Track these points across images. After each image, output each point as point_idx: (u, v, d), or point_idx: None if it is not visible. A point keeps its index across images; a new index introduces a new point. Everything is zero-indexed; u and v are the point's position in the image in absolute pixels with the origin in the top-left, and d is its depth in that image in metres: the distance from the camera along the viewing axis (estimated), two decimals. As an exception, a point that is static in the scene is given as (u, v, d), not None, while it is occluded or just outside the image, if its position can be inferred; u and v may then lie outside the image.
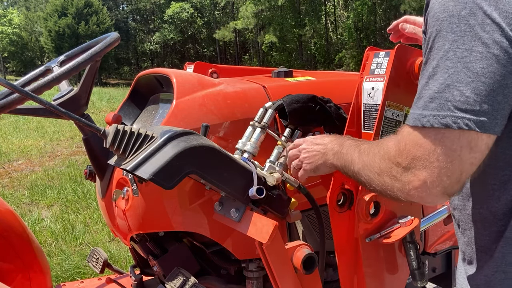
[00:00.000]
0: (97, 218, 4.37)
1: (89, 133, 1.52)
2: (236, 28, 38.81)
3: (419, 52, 1.32)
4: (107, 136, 1.22)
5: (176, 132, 1.21)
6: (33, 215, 4.58)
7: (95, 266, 2.03)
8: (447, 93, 0.75)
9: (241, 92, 1.63)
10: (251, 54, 47.45)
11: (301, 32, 36.04)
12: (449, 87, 0.75)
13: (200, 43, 51.62)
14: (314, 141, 1.25)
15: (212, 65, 2.26)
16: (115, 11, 49.56)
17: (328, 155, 1.16)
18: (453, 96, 0.74)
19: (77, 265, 3.33)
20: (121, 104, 1.82)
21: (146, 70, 1.79)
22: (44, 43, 40.11)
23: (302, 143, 1.30)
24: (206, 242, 1.57)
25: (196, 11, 45.33)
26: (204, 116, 1.49)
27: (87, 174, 1.75)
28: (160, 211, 1.45)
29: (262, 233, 1.23)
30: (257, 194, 1.27)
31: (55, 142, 9.13)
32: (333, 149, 1.13)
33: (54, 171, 6.52)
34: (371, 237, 1.38)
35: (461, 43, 0.75)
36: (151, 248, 1.57)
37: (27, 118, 11.94)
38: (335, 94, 1.61)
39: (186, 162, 1.19)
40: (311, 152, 1.24)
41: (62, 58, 1.62)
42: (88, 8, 38.87)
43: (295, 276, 1.32)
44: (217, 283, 1.61)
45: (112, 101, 16.43)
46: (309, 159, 1.25)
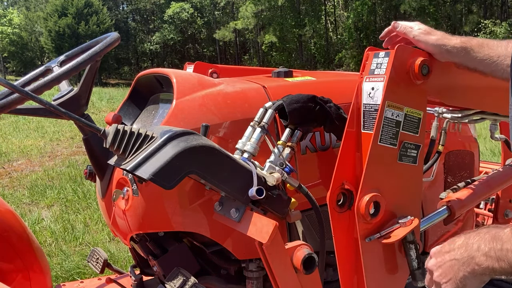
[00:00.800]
0: (97, 218, 4.37)
1: (89, 133, 1.52)
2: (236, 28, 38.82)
3: (419, 52, 1.32)
4: (107, 136, 1.22)
5: (176, 132, 1.21)
6: (33, 215, 4.58)
7: (95, 266, 2.03)
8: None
9: (241, 92, 1.63)
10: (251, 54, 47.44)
11: (301, 32, 36.03)
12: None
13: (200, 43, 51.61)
14: (443, 249, 0.96)
15: (212, 65, 2.27)
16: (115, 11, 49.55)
17: (476, 258, 0.87)
18: None
19: (77, 265, 3.33)
20: (121, 104, 1.82)
21: (146, 70, 1.79)
22: (44, 43, 40.10)
23: (431, 259, 1.00)
24: (206, 242, 1.57)
25: (196, 11, 45.31)
26: (204, 116, 1.49)
27: (87, 174, 1.75)
28: (160, 211, 1.45)
29: (262, 233, 1.23)
30: (256, 195, 1.27)
31: (55, 142, 9.13)
32: (481, 249, 0.86)
33: (54, 171, 6.52)
34: (371, 237, 1.38)
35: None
36: (151, 248, 1.57)
37: (27, 118, 11.94)
38: (335, 94, 1.61)
39: (186, 162, 1.19)
40: (445, 265, 0.94)
41: (62, 58, 1.62)
42: (88, 8, 38.86)
43: (295, 276, 1.32)
44: (217, 283, 1.61)
45: (112, 101, 16.43)
46: (445, 275, 0.93)
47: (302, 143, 1.62)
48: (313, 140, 1.66)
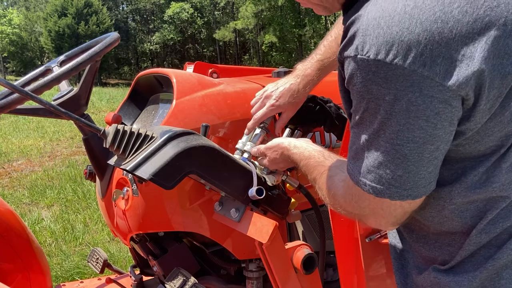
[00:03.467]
0: (97, 218, 4.37)
1: (89, 133, 1.52)
2: (236, 28, 38.82)
3: None
4: (107, 136, 1.22)
5: (176, 132, 1.21)
6: (33, 215, 4.58)
7: (95, 266, 2.03)
8: (381, 170, 0.82)
9: (241, 92, 1.63)
10: (251, 54, 47.45)
11: (301, 32, 36.04)
12: (382, 165, 0.81)
13: (200, 43, 51.64)
14: (284, 145, 1.26)
15: (212, 65, 2.26)
16: (115, 11, 49.57)
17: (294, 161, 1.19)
18: (386, 174, 0.81)
19: (77, 265, 3.33)
20: (121, 104, 1.82)
21: (146, 70, 1.78)
22: (44, 43, 40.13)
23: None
24: (206, 242, 1.57)
25: (196, 11, 45.33)
26: (204, 116, 1.49)
27: (87, 174, 1.75)
28: (160, 211, 1.45)
29: (262, 233, 1.23)
30: (256, 195, 1.27)
31: (55, 142, 9.13)
32: (302, 163, 1.16)
33: (54, 171, 6.52)
34: (371, 237, 1.38)
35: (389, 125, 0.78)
36: (151, 248, 1.57)
37: (27, 118, 11.94)
38: (335, 94, 1.61)
39: (186, 162, 1.19)
40: (277, 155, 1.28)
41: (62, 58, 1.62)
42: (88, 8, 38.88)
43: (295, 276, 1.32)
44: (217, 283, 1.61)
45: (112, 101, 16.43)
46: (274, 160, 1.30)
47: (302, 143, 1.62)
48: (313, 140, 1.66)
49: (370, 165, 0.83)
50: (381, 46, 0.74)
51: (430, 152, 0.79)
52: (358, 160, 0.86)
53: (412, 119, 0.75)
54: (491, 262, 0.87)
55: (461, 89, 0.73)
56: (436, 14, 0.72)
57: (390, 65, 0.73)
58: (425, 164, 0.80)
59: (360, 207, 0.91)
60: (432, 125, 0.76)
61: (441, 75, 0.72)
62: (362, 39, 0.76)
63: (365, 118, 0.81)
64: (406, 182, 0.81)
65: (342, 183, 0.96)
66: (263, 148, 1.33)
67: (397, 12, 0.73)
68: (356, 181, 0.87)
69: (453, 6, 0.73)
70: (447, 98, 0.74)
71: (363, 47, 0.76)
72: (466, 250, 0.89)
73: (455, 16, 0.72)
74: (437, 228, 0.93)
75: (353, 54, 0.78)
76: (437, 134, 0.77)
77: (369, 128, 0.81)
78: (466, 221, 0.89)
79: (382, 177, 0.82)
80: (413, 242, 1.01)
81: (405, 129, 0.76)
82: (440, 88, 0.73)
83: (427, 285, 0.96)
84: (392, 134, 0.78)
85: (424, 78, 0.72)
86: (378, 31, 0.74)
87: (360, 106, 0.81)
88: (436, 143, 0.78)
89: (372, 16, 0.76)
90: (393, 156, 0.79)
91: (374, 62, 0.74)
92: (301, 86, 1.35)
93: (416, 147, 0.78)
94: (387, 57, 0.73)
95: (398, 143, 0.78)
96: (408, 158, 0.79)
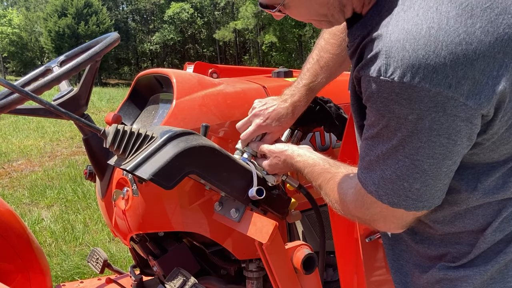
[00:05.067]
0: (97, 218, 4.37)
1: (89, 133, 1.52)
2: (236, 28, 38.82)
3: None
4: (107, 136, 1.22)
5: (176, 132, 1.21)
6: (33, 215, 4.58)
7: (95, 266, 2.03)
8: (398, 183, 0.83)
9: (241, 92, 1.63)
10: (251, 54, 47.45)
11: (301, 32, 36.02)
12: (400, 178, 0.82)
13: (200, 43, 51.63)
14: (287, 152, 1.29)
15: (212, 65, 2.26)
16: (115, 11, 49.57)
17: (297, 169, 1.23)
18: (404, 187, 0.83)
19: (77, 265, 3.33)
20: (121, 104, 1.82)
21: (146, 70, 1.78)
22: (44, 43, 40.13)
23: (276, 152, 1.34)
24: (206, 242, 1.57)
25: (196, 11, 45.34)
26: (204, 116, 1.49)
27: (87, 174, 1.75)
28: (160, 211, 1.45)
29: (262, 233, 1.23)
30: (257, 195, 1.27)
31: (55, 142, 9.13)
32: (306, 171, 1.19)
33: (54, 171, 6.52)
34: (371, 237, 1.38)
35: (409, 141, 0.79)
36: (151, 248, 1.57)
37: (27, 118, 11.93)
38: (335, 94, 1.61)
39: (186, 162, 1.18)
40: (280, 161, 1.31)
41: (62, 58, 1.62)
42: (88, 8, 38.88)
43: (295, 276, 1.32)
44: (217, 283, 1.61)
45: (112, 101, 16.43)
46: (276, 165, 1.33)
47: (302, 143, 1.62)
48: (313, 140, 1.66)
49: (387, 178, 0.84)
50: (406, 69, 0.74)
51: (447, 167, 0.81)
52: (372, 171, 0.87)
53: (434, 137, 0.77)
54: (503, 256, 0.90)
55: (483, 108, 0.75)
56: (460, 36, 0.73)
57: (415, 88, 0.74)
58: (442, 177, 0.82)
59: (371, 214, 0.92)
60: (452, 142, 0.77)
61: (465, 95, 0.73)
62: (386, 61, 0.76)
63: (383, 134, 0.82)
64: (423, 194, 0.83)
65: (352, 190, 0.96)
66: (266, 150, 1.33)
67: (422, 35, 0.73)
68: (370, 191, 0.88)
69: (476, 27, 0.73)
70: (469, 117, 0.75)
71: (386, 69, 0.76)
72: (479, 248, 0.91)
73: (478, 36, 0.73)
74: (446, 230, 0.95)
75: (375, 75, 0.78)
76: (456, 150, 0.79)
77: (386, 143, 0.82)
78: (478, 219, 0.91)
79: (399, 189, 0.83)
80: (415, 243, 1.02)
81: (426, 146, 0.78)
82: (463, 107, 0.74)
83: (435, 282, 0.97)
84: (412, 150, 0.79)
85: (449, 99, 0.73)
86: (403, 53, 0.74)
87: (379, 123, 0.82)
88: (454, 158, 0.80)
89: (395, 37, 0.76)
90: (412, 171, 0.81)
91: (398, 84, 0.75)
92: (290, 111, 1.35)
93: (435, 162, 0.79)
94: (413, 81, 0.74)
95: (418, 158, 0.79)
96: (427, 172, 0.80)
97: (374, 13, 0.83)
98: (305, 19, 0.98)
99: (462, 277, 0.93)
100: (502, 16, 0.75)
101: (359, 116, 0.92)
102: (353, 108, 0.94)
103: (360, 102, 0.87)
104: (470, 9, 0.74)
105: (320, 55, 1.36)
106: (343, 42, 1.29)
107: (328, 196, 1.06)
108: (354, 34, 0.88)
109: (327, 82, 1.38)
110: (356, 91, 0.88)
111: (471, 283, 0.92)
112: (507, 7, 0.76)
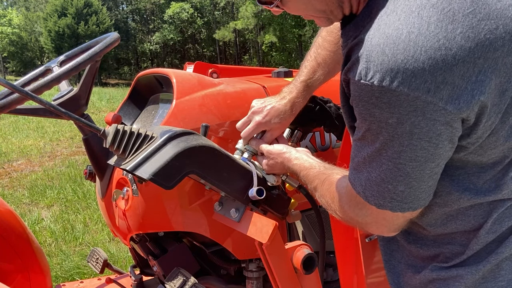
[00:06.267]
0: (97, 218, 4.37)
1: (89, 133, 1.52)
2: (236, 28, 38.81)
3: None
4: (107, 136, 1.22)
5: (176, 132, 1.21)
6: (33, 215, 4.58)
7: (95, 266, 2.03)
8: (383, 186, 0.84)
9: (241, 92, 1.63)
10: (251, 54, 47.45)
11: (301, 32, 36.03)
12: (384, 181, 0.83)
13: (200, 43, 51.63)
14: (285, 155, 1.29)
15: (212, 65, 2.26)
16: (114, 11, 49.57)
17: (294, 171, 1.24)
18: (388, 189, 0.84)
19: (77, 265, 3.33)
20: (121, 104, 1.82)
21: (146, 70, 1.78)
22: (44, 43, 40.13)
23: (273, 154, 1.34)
24: (206, 242, 1.57)
25: (196, 11, 45.32)
26: (204, 116, 1.49)
27: (87, 174, 1.75)
28: (160, 211, 1.45)
29: (262, 233, 1.23)
30: (257, 195, 1.27)
31: (55, 142, 9.13)
32: (302, 174, 1.20)
33: (54, 171, 6.52)
34: (371, 237, 1.38)
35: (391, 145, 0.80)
36: (151, 248, 1.57)
37: (27, 118, 11.93)
38: (335, 94, 1.61)
39: (186, 162, 1.18)
40: (276, 163, 1.32)
41: (62, 58, 1.62)
42: (87, 8, 38.88)
43: (295, 276, 1.32)
44: (217, 283, 1.61)
45: (112, 101, 16.42)
46: (273, 166, 1.34)
47: (302, 143, 1.62)
48: (313, 140, 1.66)
49: (373, 180, 0.85)
50: (385, 73, 0.74)
51: (431, 169, 0.81)
52: (359, 172, 0.88)
53: (415, 141, 0.77)
54: (494, 256, 0.90)
55: (462, 112, 0.75)
56: (440, 41, 0.73)
57: (394, 92, 0.74)
58: (425, 179, 0.82)
59: (364, 215, 0.93)
60: (433, 145, 0.78)
61: (444, 100, 0.74)
62: (366, 65, 0.77)
63: (367, 136, 0.83)
64: (408, 196, 0.84)
65: (344, 190, 0.98)
66: (265, 150, 1.33)
67: (402, 40, 0.74)
68: (358, 192, 0.89)
69: (456, 32, 0.73)
70: (449, 121, 0.76)
71: (366, 73, 0.77)
72: (472, 249, 0.92)
73: (458, 42, 0.73)
74: (438, 231, 0.95)
75: (357, 79, 0.79)
76: (438, 153, 0.79)
77: (371, 146, 0.83)
78: (469, 219, 0.91)
79: (384, 191, 0.84)
80: (408, 243, 1.03)
81: (407, 149, 0.78)
82: (442, 112, 0.74)
83: (427, 282, 0.97)
84: (395, 154, 0.80)
85: (428, 103, 0.74)
86: (382, 58, 0.75)
87: (362, 126, 0.83)
88: (437, 161, 0.81)
89: (376, 42, 0.76)
90: (395, 174, 0.81)
91: (378, 88, 0.75)
92: (288, 107, 1.36)
93: (418, 165, 0.80)
94: (392, 85, 0.74)
95: (401, 162, 0.80)
96: (410, 175, 0.81)
97: (366, 14, 0.84)
98: (303, 14, 0.97)
99: (455, 277, 0.93)
100: (484, 22, 0.75)
101: (350, 118, 0.92)
102: (344, 109, 0.95)
103: (349, 104, 0.88)
104: (451, 15, 0.74)
105: (318, 52, 1.37)
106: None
107: (323, 197, 1.07)
108: (347, 35, 0.88)
109: (325, 80, 1.38)
110: (345, 92, 0.88)
111: (463, 283, 0.92)
112: (490, 12, 0.76)
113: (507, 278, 0.91)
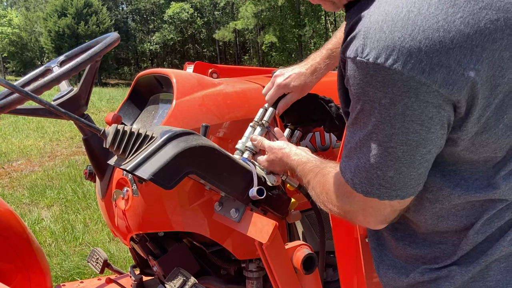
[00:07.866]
0: (97, 218, 4.37)
1: (89, 133, 1.52)
2: (236, 28, 38.82)
3: None
4: (107, 136, 1.22)
5: (176, 132, 1.21)
6: (33, 215, 4.57)
7: (95, 266, 2.03)
8: (372, 171, 0.83)
9: (241, 92, 1.63)
10: (251, 54, 47.46)
11: (301, 32, 36.03)
12: (373, 166, 0.82)
13: (200, 43, 51.64)
14: (283, 150, 1.30)
15: (212, 65, 2.26)
16: (114, 11, 49.56)
17: (291, 168, 1.25)
18: (377, 175, 0.82)
19: (77, 265, 3.33)
20: (121, 104, 1.82)
21: (146, 70, 1.78)
22: (44, 43, 40.12)
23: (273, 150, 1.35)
24: (206, 242, 1.57)
25: (196, 11, 45.34)
26: (204, 116, 1.49)
27: (87, 174, 1.75)
28: (160, 211, 1.45)
29: (262, 233, 1.23)
30: (257, 195, 1.27)
31: (55, 142, 9.13)
32: (298, 169, 1.20)
33: (54, 171, 6.52)
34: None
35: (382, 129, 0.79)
36: (151, 248, 1.57)
37: (27, 118, 11.93)
38: (335, 94, 1.61)
39: (186, 162, 1.19)
40: (276, 158, 1.33)
41: (62, 58, 1.62)
42: (87, 8, 38.88)
43: (295, 276, 1.32)
44: (217, 283, 1.61)
45: (112, 101, 16.42)
46: (272, 162, 1.35)
47: (302, 143, 1.62)
48: (313, 140, 1.66)
49: (362, 166, 0.84)
50: (381, 50, 0.74)
51: (422, 155, 0.80)
52: (350, 159, 0.87)
53: (407, 123, 0.76)
54: (484, 257, 0.90)
55: (453, 96, 0.75)
56: (439, 23, 0.73)
57: (389, 70, 0.74)
58: (416, 166, 0.81)
59: (351, 204, 0.92)
60: (426, 129, 0.77)
61: (438, 82, 0.73)
62: (363, 42, 0.77)
63: (360, 119, 0.82)
64: (397, 183, 0.83)
65: (334, 179, 0.97)
66: (266, 145, 1.34)
67: (401, 18, 0.74)
68: (346, 180, 0.88)
69: (456, 16, 0.73)
70: (441, 103, 0.75)
71: (363, 50, 0.76)
72: (462, 249, 0.91)
73: (457, 26, 0.73)
74: (429, 228, 0.94)
75: (353, 56, 0.78)
76: (430, 138, 0.79)
77: (363, 129, 0.82)
78: (462, 219, 0.90)
79: (373, 178, 0.83)
80: (395, 241, 1.01)
81: (399, 132, 0.77)
82: (435, 94, 0.74)
83: (415, 283, 0.96)
84: (386, 137, 0.79)
85: (421, 85, 0.73)
86: (380, 35, 0.75)
87: (356, 107, 0.82)
88: (428, 146, 0.80)
89: (375, 19, 0.76)
90: (385, 158, 0.81)
91: (373, 65, 0.75)
92: (309, 72, 1.41)
93: (409, 149, 0.79)
94: (387, 62, 0.74)
95: (392, 145, 0.79)
96: (401, 160, 0.80)
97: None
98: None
99: (445, 277, 0.92)
100: (485, 11, 0.74)
101: (345, 102, 0.92)
102: (339, 92, 0.94)
103: (345, 86, 0.87)
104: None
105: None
106: None
107: (314, 189, 1.06)
108: (350, 17, 0.87)
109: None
110: (342, 74, 0.88)
111: (453, 283, 0.92)
112: (492, 2, 0.76)
113: (495, 279, 0.90)
